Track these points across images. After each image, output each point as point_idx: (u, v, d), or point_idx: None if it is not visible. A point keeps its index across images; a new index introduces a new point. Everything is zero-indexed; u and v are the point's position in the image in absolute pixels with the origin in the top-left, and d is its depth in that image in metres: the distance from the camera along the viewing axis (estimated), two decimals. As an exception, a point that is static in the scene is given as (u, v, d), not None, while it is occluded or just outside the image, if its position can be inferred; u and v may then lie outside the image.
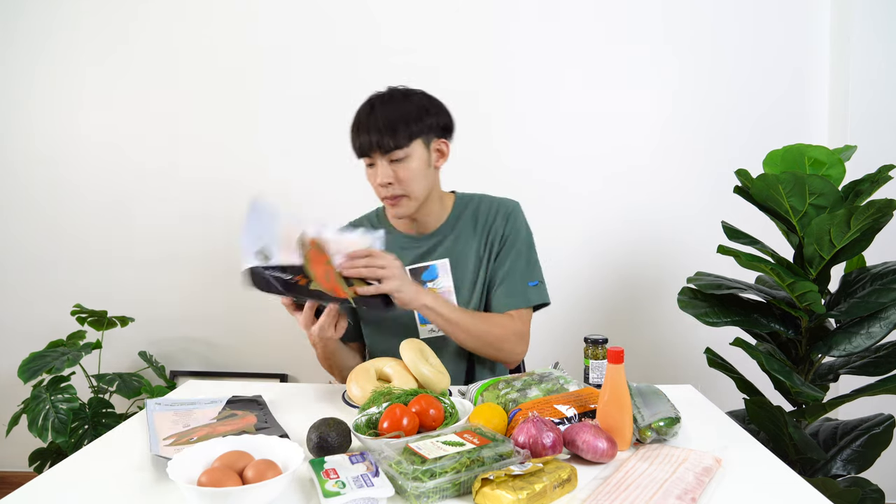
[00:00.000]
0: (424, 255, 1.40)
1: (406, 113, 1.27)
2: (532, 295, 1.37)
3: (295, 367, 2.26)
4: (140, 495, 0.81)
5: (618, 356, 0.92)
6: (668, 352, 2.24)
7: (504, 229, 1.39)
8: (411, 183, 1.29)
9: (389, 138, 1.24)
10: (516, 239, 1.39)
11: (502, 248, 1.39)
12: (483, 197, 1.45)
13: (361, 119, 1.28)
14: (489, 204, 1.43)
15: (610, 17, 2.16)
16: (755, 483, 0.84)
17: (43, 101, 2.24)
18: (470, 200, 1.44)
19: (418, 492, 0.75)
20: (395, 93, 1.32)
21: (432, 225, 1.41)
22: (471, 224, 1.41)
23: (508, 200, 1.44)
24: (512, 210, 1.42)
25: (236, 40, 2.21)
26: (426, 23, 2.18)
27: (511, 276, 1.37)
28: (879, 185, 1.47)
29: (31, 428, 1.79)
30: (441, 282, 1.39)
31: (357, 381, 1.13)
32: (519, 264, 1.38)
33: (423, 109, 1.30)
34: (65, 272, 2.28)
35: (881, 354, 1.52)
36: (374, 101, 1.30)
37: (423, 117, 1.29)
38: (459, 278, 1.39)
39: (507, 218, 1.40)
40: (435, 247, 1.40)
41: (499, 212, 1.41)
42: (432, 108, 1.32)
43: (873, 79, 2.04)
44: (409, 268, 1.39)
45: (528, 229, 1.43)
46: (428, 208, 1.38)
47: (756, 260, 1.49)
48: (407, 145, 1.26)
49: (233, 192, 2.24)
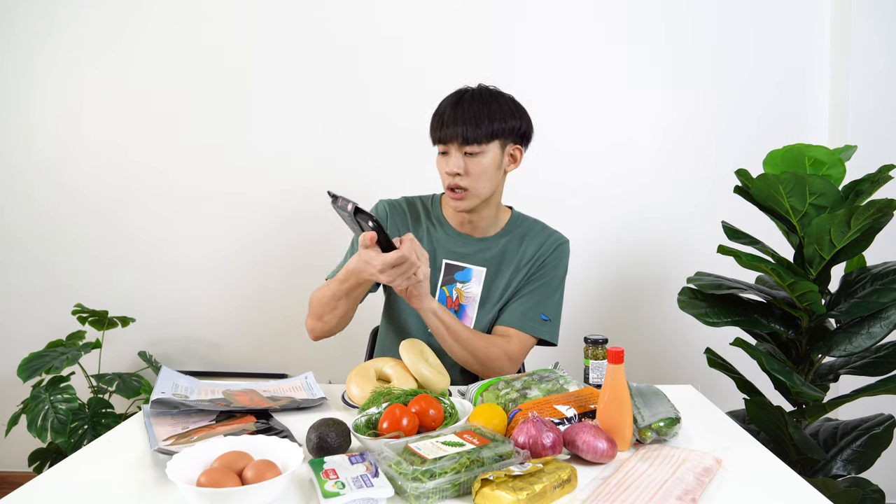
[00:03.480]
0: (465, 257, 1.41)
1: (492, 112, 1.29)
2: (539, 327, 1.37)
3: (295, 367, 2.26)
4: (140, 495, 0.81)
5: (618, 356, 0.92)
6: (668, 352, 2.24)
7: (546, 258, 1.40)
8: (479, 179, 1.30)
9: (471, 131, 1.26)
10: (551, 272, 1.40)
11: (537, 273, 1.39)
12: (537, 222, 1.46)
13: (447, 109, 1.30)
14: (541, 231, 1.44)
15: (610, 17, 2.16)
16: (755, 483, 0.84)
17: (43, 101, 2.24)
18: (524, 221, 1.46)
19: (418, 492, 0.75)
20: (485, 91, 1.33)
21: (483, 231, 1.42)
22: (517, 244, 1.41)
23: (560, 235, 1.45)
24: (560, 245, 1.43)
25: (236, 40, 2.21)
26: (426, 23, 2.18)
27: (530, 299, 1.37)
28: (880, 185, 1.47)
29: (31, 428, 1.79)
30: (471, 287, 1.40)
31: (357, 382, 1.12)
32: (542, 294, 1.38)
33: (508, 112, 1.31)
34: (65, 272, 2.28)
35: (881, 354, 1.52)
36: (463, 93, 1.32)
37: (506, 119, 1.31)
38: (488, 290, 1.39)
39: (553, 249, 1.41)
40: (477, 253, 1.41)
41: (547, 241, 1.42)
42: (517, 112, 1.34)
43: (873, 79, 2.04)
44: (447, 262, 1.40)
45: (566, 270, 1.44)
46: (485, 212, 1.39)
47: (756, 260, 1.49)
48: (485, 142, 1.29)
49: (232, 192, 2.24)
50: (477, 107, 1.28)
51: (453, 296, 1.40)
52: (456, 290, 1.40)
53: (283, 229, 2.25)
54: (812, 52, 2.14)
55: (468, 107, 1.28)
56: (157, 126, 2.24)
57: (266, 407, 1.08)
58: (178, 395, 1.08)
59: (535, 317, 1.36)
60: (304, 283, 2.23)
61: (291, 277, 2.25)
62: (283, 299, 2.25)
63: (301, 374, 1.30)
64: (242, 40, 2.21)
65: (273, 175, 2.23)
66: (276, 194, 2.24)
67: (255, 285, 2.27)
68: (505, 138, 1.32)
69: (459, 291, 1.40)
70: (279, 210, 2.25)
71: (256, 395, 1.15)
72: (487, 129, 1.27)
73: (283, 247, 2.25)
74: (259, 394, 1.16)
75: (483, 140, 1.28)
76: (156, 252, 2.27)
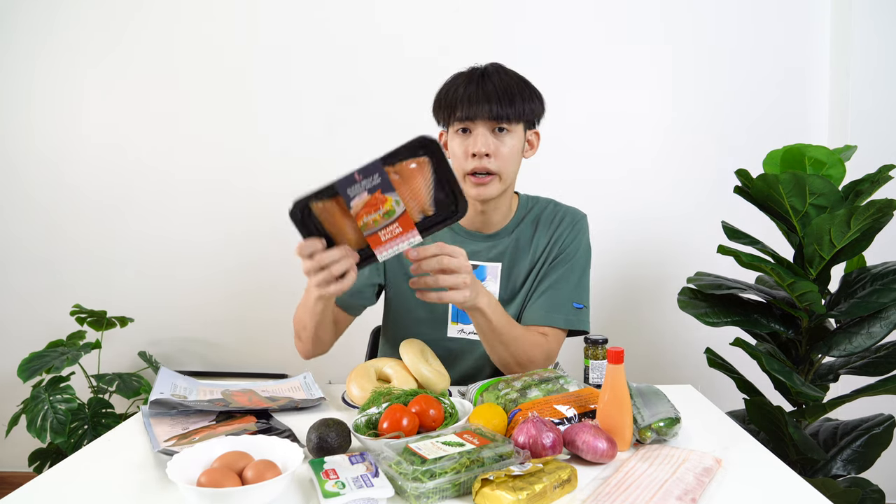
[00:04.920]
0: (476, 254, 1.31)
1: (522, 89, 1.20)
2: (574, 318, 1.27)
3: (294, 367, 2.26)
4: (140, 495, 0.81)
5: (618, 356, 0.92)
6: (668, 352, 2.24)
7: (564, 239, 1.30)
8: (508, 161, 1.20)
9: (506, 108, 1.16)
10: (574, 253, 1.29)
11: (557, 257, 1.29)
12: (549, 201, 1.36)
13: (469, 83, 1.19)
14: (554, 210, 1.34)
15: (610, 17, 2.16)
16: (755, 483, 0.84)
17: (43, 101, 2.24)
18: (535, 204, 1.36)
19: (418, 492, 0.75)
20: (505, 68, 1.24)
21: (496, 224, 1.32)
22: (530, 229, 1.32)
23: (576, 210, 1.35)
24: (578, 221, 1.33)
25: (236, 40, 2.21)
26: (426, 23, 2.18)
27: (556, 290, 1.27)
28: (879, 185, 1.47)
29: (30, 428, 1.79)
30: (487, 286, 1.30)
31: (357, 382, 1.12)
32: (569, 280, 1.28)
33: (533, 92, 1.22)
34: (65, 272, 2.28)
35: (881, 354, 1.52)
36: (487, 68, 1.22)
37: (533, 99, 1.22)
38: (506, 286, 1.31)
39: (571, 227, 1.31)
40: (490, 248, 1.31)
41: (563, 219, 1.32)
42: (539, 96, 1.24)
43: (873, 79, 2.04)
44: None
45: (588, 247, 1.33)
46: (500, 202, 1.28)
47: (756, 260, 1.49)
48: (517, 121, 1.19)
49: (232, 192, 2.24)
50: (507, 82, 1.19)
51: None
52: None
53: (282, 229, 2.24)
54: (812, 52, 2.14)
55: (497, 81, 1.18)
56: (157, 126, 2.24)
57: (264, 407, 1.08)
58: (177, 395, 1.08)
59: (568, 308, 1.26)
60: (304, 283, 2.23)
61: (291, 278, 2.25)
62: (283, 299, 2.25)
63: (300, 374, 1.30)
64: (243, 40, 2.21)
65: (273, 175, 2.23)
66: (277, 194, 2.23)
67: (254, 285, 2.27)
68: (528, 120, 1.23)
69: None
70: (279, 210, 2.24)
71: (255, 395, 1.15)
72: (519, 108, 1.17)
73: (283, 247, 2.25)
74: (258, 394, 1.16)
75: (514, 118, 1.17)
76: (156, 252, 2.27)
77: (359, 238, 0.96)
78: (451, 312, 1.32)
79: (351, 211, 0.94)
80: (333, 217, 0.95)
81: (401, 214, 0.94)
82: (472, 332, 1.32)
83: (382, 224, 0.95)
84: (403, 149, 0.93)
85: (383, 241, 0.96)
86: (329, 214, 0.95)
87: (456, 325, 1.32)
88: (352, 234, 0.96)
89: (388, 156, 0.93)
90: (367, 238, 0.96)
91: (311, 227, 0.96)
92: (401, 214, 0.94)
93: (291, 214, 0.96)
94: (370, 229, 0.95)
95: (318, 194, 0.93)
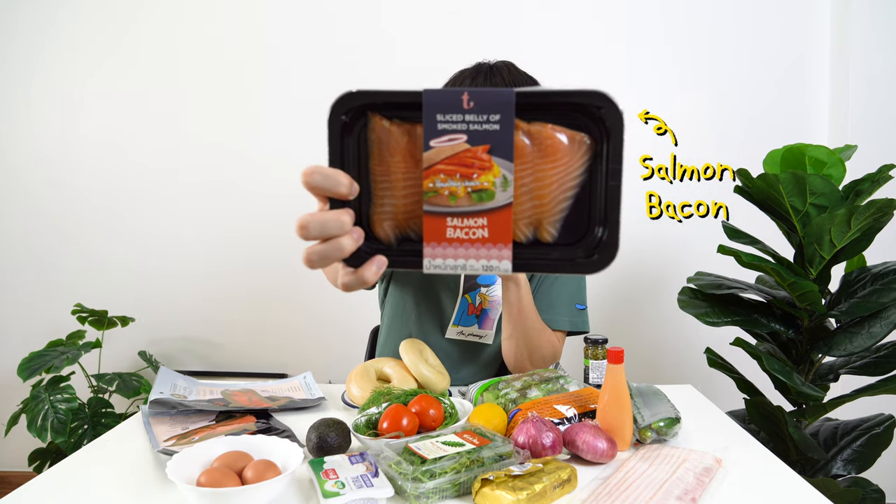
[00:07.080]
0: None
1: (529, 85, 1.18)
2: (577, 319, 1.27)
3: (294, 367, 2.26)
4: (140, 495, 0.81)
5: (618, 356, 0.92)
6: (668, 352, 2.24)
7: None
8: None
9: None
10: None
11: None
12: None
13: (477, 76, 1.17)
14: None
15: (610, 18, 2.16)
16: (755, 483, 0.84)
17: (43, 101, 2.24)
18: None
19: (418, 492, 0.75)
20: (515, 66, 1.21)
21: None
22: None
23: None
24: None
25: (237, 40, 2.21)
26: (426, 23, 2.18)
27: (559, 291, 1.27)
28: (880, 184, 1.47)
29: (30, 428, 1.79)
30: (495, 290, 1.29)
31: (357, 382, 1.12)
32: (571, 281, 1.28)
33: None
34: (65, 272, 2.28)
35: (882, 354, 1.52)
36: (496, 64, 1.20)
37: None
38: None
39: None
40: None
41: None
42: None
43: (873, 79, 2.04)
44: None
45: None
46: None
47: (756, 260, 1.49)
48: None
49: (233, 192, 2.25)
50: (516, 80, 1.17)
51: (476, 302, 1.30)
52: (480, 296, 1.29)
53: (282, 229, 2.25)
54: (812, 52, 2.14)
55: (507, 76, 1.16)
56: (158, 126, 2.24)
57: (264, 407, 1.08)
58: (177, 395, 1.08)
59: (571, 310, 1.26)
60: (304, 284, 2.24)
61: (292, 277, 2.25)
62: (283, 299, 2.25)
63: (300, 374, 1.30)
64: (243, 40, 2.21)
65: (273, 175, 2.23)
66: (277, 194, 2.24)
67: (255, 285, 2.27)
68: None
69: (483, 296, 1.29)
70: (279, 210, 2.25)
71: (255, 395, 1.15)
72: None
73: (283, 247, 2.25)
74: (257, 394, 1.16)
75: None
76: (156, 252, 2.27)
77: (409, 208, 0.52)
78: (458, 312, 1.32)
79: (424, 155, 0.50)
80: (390, 154, 0.52)
81: (501, 208, 0.51)
82: (471, 334, 1.32)
83: (464, 207, 0.51)
84: (562, 102, 0.51)
85: (446, 237, 0.51)
86: (386, 147, 0.52)
87: (456, 327, 1.31)
88: (401, 196, 0.52)
89: (529, 99, 0.50)
90: (425, 217, 0.51)
91: (347, 152, 0.52)
92: (501, 208, 0.51)
93: (330, 121, 0.51)
94: (436, 204, 0.51)
95: (390, 100, 0.51)
